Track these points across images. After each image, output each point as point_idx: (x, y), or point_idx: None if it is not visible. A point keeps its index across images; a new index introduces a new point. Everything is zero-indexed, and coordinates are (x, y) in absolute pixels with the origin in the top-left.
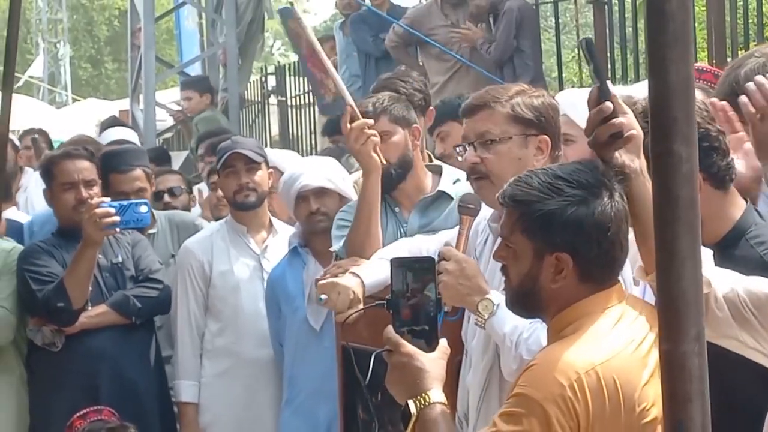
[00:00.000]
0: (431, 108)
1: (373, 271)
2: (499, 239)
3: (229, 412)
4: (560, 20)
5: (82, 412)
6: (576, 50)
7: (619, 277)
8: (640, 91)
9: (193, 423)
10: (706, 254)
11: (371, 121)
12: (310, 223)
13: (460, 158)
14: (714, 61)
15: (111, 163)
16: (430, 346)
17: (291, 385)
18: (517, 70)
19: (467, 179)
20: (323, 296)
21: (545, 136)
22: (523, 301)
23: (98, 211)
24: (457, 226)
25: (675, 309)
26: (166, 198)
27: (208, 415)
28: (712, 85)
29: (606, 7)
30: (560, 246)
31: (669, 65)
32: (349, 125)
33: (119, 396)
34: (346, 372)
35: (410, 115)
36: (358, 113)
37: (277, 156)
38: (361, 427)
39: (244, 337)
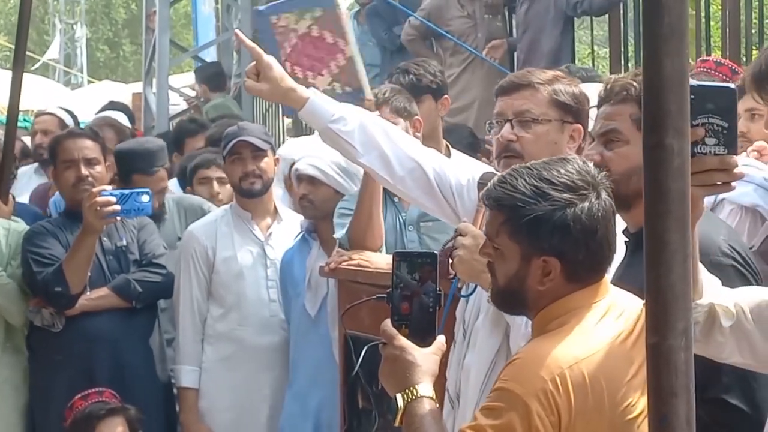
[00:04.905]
0: (446, 96)
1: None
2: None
3: (230, 398)
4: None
5: (83, 393)
6: (590, 45)
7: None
8: None
9: (193, 408)
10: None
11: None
12: (300, 205)
13: (489, 135)
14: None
15: (136, 164)
16: (425, 341)
17: (293, 368)
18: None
19: (496, 157)
20: None
21: (579, 125)
22: (509, 300)
23: (99, 199)
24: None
25: (663, 302)
26: None
27: (208, 401)
28: (728, 78)
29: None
30: (547, 250)
31: (663, 57)
32: None
33: (116, 379)
34: (347, 360)
35: (412, 106)
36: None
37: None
38: (361, 415)
39: (247, 324)
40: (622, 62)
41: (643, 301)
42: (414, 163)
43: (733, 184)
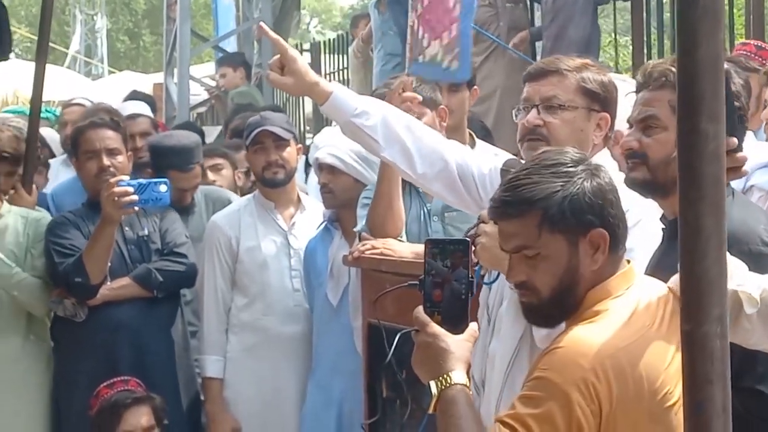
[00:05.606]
0: (476, 87)
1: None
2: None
3: (254, 388)
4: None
5: (109, 382)
6: (612, 35)
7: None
8: None
9: (218, 398)
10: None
11: (419, 98)
12: (321, 195)
13: (516, 120)
14: None
15: (172, 161)
16: (458, 327)
17: (316, 358)
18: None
19: (520, 140)
20: None
21: (606, 114)
22: (561, 303)
23: (116, 189)
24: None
25: (698, 289)
26: None
27: (232, 390)
28: (767, 62)
29: None
30: (593, 223)
31: (699, 40)
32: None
33: (139, 368)
34: (371, 349)
35: (437, 96)
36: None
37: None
38: (386, 405)
39: (271, 313)
40: (645, 51)
41: (667, 284)
42: (436, 156)
43: (744, 168)
